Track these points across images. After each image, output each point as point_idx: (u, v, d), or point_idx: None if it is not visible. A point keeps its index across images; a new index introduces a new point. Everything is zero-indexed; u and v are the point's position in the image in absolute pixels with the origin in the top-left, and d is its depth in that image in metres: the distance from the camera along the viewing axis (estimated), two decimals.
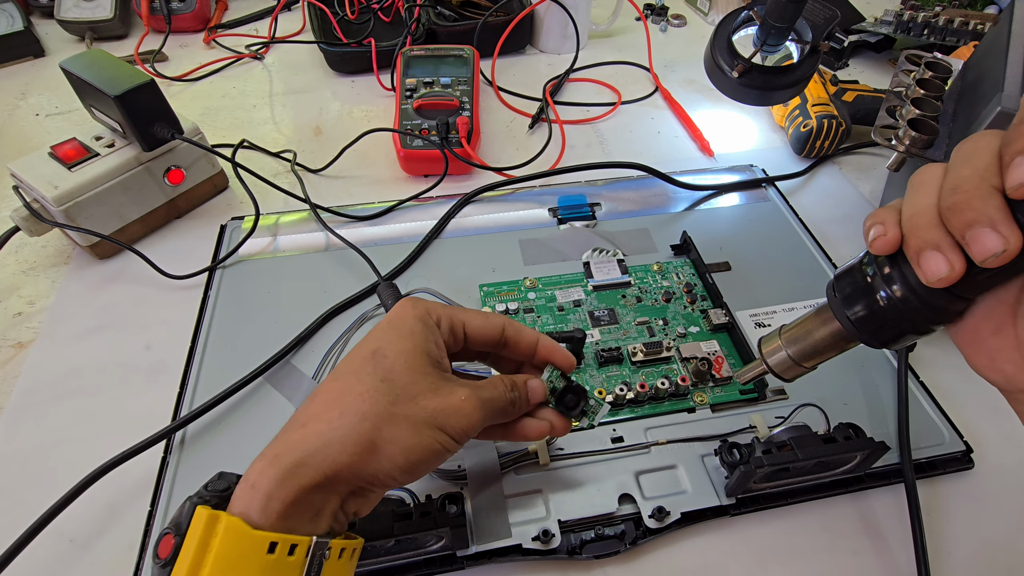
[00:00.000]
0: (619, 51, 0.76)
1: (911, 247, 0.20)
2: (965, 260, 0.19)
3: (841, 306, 0.24)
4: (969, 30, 0.66)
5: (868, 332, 0.23)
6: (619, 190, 0.54)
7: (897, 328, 0.22)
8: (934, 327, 0.22)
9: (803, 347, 0.26)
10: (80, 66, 0.46)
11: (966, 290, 0.20)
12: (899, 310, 0.22)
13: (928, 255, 0.19)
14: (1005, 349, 0.20)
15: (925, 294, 0.21)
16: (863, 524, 0.34)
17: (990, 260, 0.18)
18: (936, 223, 0.19)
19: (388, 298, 0.42)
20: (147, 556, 0.32)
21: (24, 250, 0.50)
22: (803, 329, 0.26)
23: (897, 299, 0.21)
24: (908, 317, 0.22)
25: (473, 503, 0.34)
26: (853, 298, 0.23)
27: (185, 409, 0.39)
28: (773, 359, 0.27)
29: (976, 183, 0.18)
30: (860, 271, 0.23)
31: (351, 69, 0.71)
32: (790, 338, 0.26)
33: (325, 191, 0.56)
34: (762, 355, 0.28)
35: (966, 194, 0.18)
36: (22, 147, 0.61)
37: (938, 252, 0.19)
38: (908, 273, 0.21)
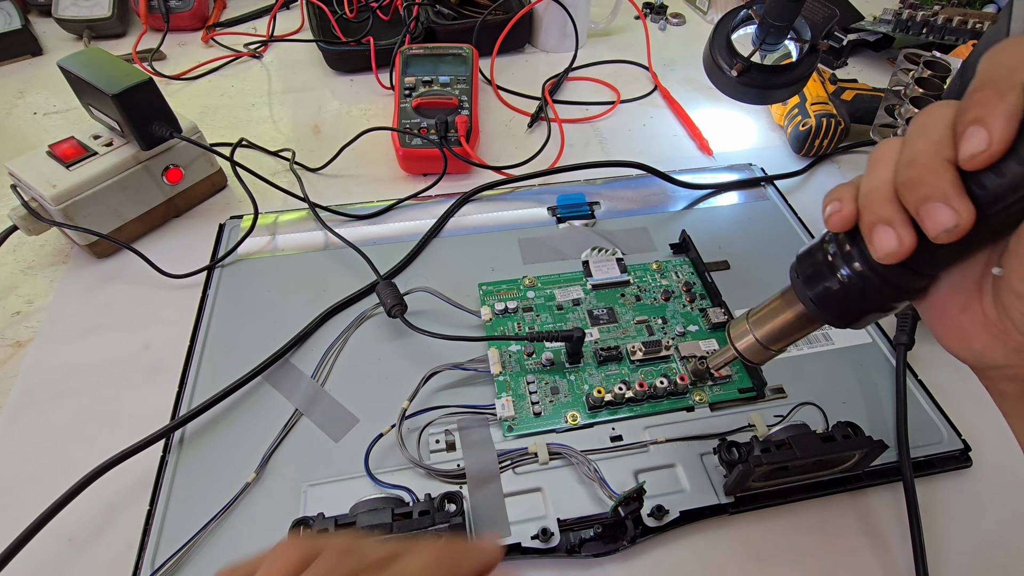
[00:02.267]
0: (618, 50, 0.76)
1: (864, 223, 0.20)
2: (916, 235, 0.19)
3: (803, 287, 0.23)
4: (968, 29, 0.66)
5: (831, 312, 0.23)
6: (618, 189, 0.54)
7: (860, 307, 0.22)
8: (897, 304, 0.22)
9: (770, 330, 0.26)
10: (78, 65, 0.45)
11: (924, 266, 0.20)
12: (860, 289, 0.21)
13: (878, 230, 0.19)
14: (973, 326, 0.20)
15: (884, 271, 0.21)
16: (862, 523, 0.34)
17: (943, 235, 0.18)
18: (891, 198, 0.19)
19: (387, 297, 0.42)
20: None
21: (22, 249, 0.50)
22: (769, 312, 0.26)
23: (857, 277, 0.21)
24: (869, 295, 0.21)
25: (472, 502, 0.34)
26: (814, 278, 0.23)
27: (184, 408, 0.39)
28: (741, 344, 0.27)
29: (930, 156, 0.18)
30: (821, 250, 0.23)
31: (350, 68, 0.71)
32: (757, 321, 0.26)
33: (324, 190, 0.56)
34: (731, 340, 0.27)
35: (920, 168, 0.18)
36: (20, 146, 0.61)
37: (888, 227, 0.19)
38: (867, 251, 0.21)
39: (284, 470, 0.36)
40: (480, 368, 0.40)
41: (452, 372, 0.40)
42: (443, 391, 0.40)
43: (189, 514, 0.34)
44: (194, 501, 0.34)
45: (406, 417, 0.37)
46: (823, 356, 0.41)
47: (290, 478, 0.35)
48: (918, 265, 0.20)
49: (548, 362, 0.40)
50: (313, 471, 0.36)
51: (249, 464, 0.36)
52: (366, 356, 0.42)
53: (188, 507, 0.34)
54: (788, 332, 0.25)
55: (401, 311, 0.42)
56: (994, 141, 0.16)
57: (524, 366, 0.40)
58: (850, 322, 0.23)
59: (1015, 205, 0.17)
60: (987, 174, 0.17)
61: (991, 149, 0.16)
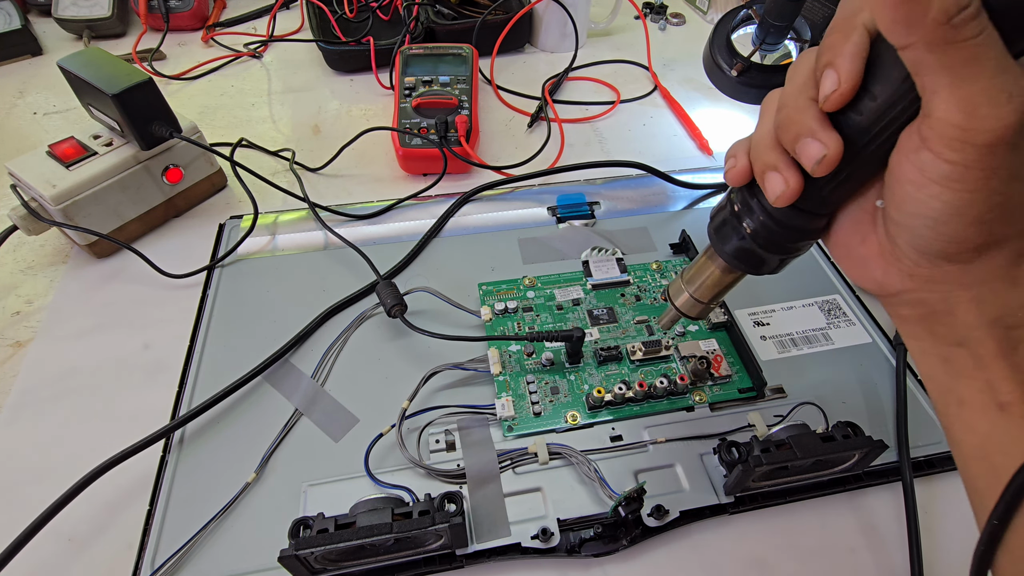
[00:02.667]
0: (618, 50, 0.76)
1: (756, 173, 0.22)
2: (801, 176, 0.21)
3: (719, 244, 0.25)
4: None
5: (745, 263, 0.25)
6: (618, 189, 0.54)
7: (770, 254, 0.24)
8: (802, 245, 0.23)
9: (699, 286, 0.28)
10: (78, 64, 0.45)
11: (817, 206, 0.22)
12: (764, 236, 0.23)
13: (767, 176, 0.21)
14: (871, 257, 0.22)
15: (782, 216, 0.22)
16: (862, 522, 0.34)
17: (817, 168, 0.19)
18: (773, 145, 0.21)
19: (387, 297, 0.42)
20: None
21: (22, 249, 0.50)
22: (697, 270, 0.28)
23: (760, 227, 0.23)
24: (775, 241, 0.23)
25: (472, 502, 0.34)
26: (725, 233, 0.24)
27: (184, 408, 0.39)
28: (679, 301, 0.29)
29: (795, 98, 0.20)
30: (727, 207, 0.24)
31: (350, 68, 0.71)
32: (689, 280, 0.28)
33: (324, 190, 0.56)
34: (670, 299, 0.29)
35: (788, 110, 0.20)
36: (20, 146, 0.61)
37: (775, 172, 0.21)
38: (764, 199, 0.22)
39: (284, 470, 0.36)
40: (480, 368, 0.40)
41: (452, 372, 0.40)
42: (443, 391, 0.40)
43: (189, 514, 0.34)
44: (194, 501, 0.34)
45: (406, 417, 0.37)
46: (823, 356, 0.41)
47: (290, 478, 0.35)
48: (811, 206, 0.21)
49: (548, 362, 0.40)
50: (313, 471, 0.36)
51: (249, 464, 0.36)
52: (366, 356, 0.42)
53: (188, 507, 0.34)
54: (715, 286, 0.27)
55: (401, 311, 0.42)
56: (843, 80, 0.18)
57: (524, 366, 0.40)
58: (765, 270, 0.25)
59: (878, 138, 0.19)
60: (848, 112, 0.19)
61: (842, 88, 0.18)
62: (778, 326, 0.43)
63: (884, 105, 0.18)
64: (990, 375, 0.21)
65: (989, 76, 0.17)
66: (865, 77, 0.18)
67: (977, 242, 0.19)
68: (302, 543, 0.28)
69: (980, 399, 0.21)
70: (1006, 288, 0.20)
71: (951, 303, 0.21)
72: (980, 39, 0.16)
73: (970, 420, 0.22)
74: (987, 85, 0.17)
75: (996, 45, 0.17)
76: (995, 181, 0.18)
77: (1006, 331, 0.20)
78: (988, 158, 0.17)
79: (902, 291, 0.22)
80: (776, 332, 0.43)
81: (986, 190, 0.18)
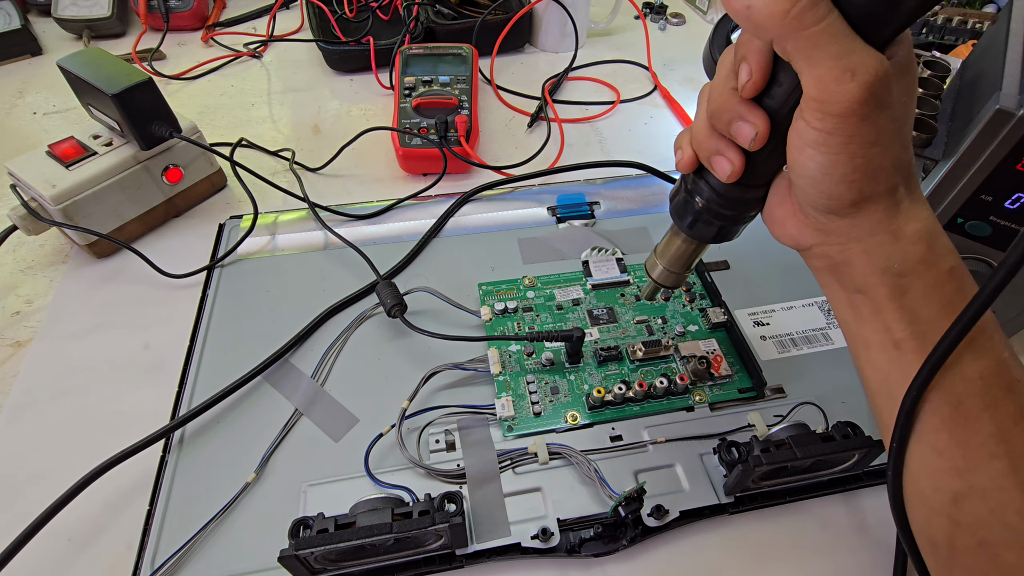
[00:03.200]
0: (618, 49, 0.76)
1: (703, 159, 0.26)
2: (743, 155, 0.24)
3: (678, 221, 0.29)
4: (967, 29, 0.66)
5: (703, 236, 0.29)
6: (618, 189, 0.54)
7: (722, 225, 0.28)
8: (749, 215, 0.27)
9: (670, 258, 0.31)
10: (78, 64, 0.45)
11: (754, 179, 0.25)
12: (715, 211, 0.27)
13: (714, 160, 0.25)
14: (788, 216, 0.25)
15: (727, 191, 0.26)
16: (862, 522, 0.34)
17: (753, 144, 0.23)
18: (712, 132, 0.25)
19: (387, 297, 0.42)
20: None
21: (22, 249, 0.50)
22: (666, 245, 0.31)
23: (709, 202, 0.27)
24: (724, 214, 0.27)
25: (472, 502, 0.34)
26: (682, 212, 0.28)
27: (184, 408, 0.39)
28: (655, 273, 0.32)
29: (721, 90, 0.24)
30: (682, 188, 0.28)
31: (349, 67, 0.71)
32: (661, 254, 0.32)
33: (324, 190, 0.56)
34: (648, 272, 0.33)
35: (717, 100, 0.24)
36: (20, 146, 0.61)
37: (720, 156, 0.25)
38: (710, 179, 0.26)
39: (284, 470, 0.36)
40: (480, 368, 0.40)
41: (452, 372, 0.40)
42: (443, 391, 0.40)
43: (189, 514, 0.34)
44: (194, 501, 0.34)
45: (406, 417, 0.37)
46: (823, 356, 0.41)
47: (290, 478, 0.35)
48: (749, 179, 0.25)
49: (548, 362, 0.40)
50: (313, 471, 0.36)
51: (249, 464, 0.36)
52: (366, 356, 0.42)
53: (188, 507, 0.34)
54: (683, 256, 0.31)
55: (401, 311, 0.42)
56: (753, 72, 0.22)
57: (524, 366, 0.40)
58: (721, 239, 0.29)
59: (788, 117, 0.22)
60: (764, 97, 0.23)
61: (753, 78, 0.22)
62: (778, 326, 0.43)
63: (787, 89, 0.22)
64: (886, 317, 0.24)
65: (834, 57, 0.20)
66: (774, 67, 0.22)
67: (850, 198, 0.23)
68: (302, 543, 0.28)
69: (879, 339, 0.25)
70: (889, 241, 0.23)
71: (848, 255, 0.24)
72: (823, 26, 0.19)
73: (873, 359, 0.25)
74: (832, 65, 0.20)
75: (840, 30, 0.20)
76: (854, 145, 0.21)
77: (895, 279, 0.24)
78: (843, 126, 0.21)
79: (812, 245, 0.25)
80: (776, 332, 0.43)
81: (847, 153, 0.21)
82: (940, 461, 0.24)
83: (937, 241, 0.24)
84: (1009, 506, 0.22)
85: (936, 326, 0.23)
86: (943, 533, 0.24)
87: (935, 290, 0.23)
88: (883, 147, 0.22)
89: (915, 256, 0.23)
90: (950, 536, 0.24)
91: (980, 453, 0.23)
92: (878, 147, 0.21)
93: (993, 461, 0.22)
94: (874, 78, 0.20)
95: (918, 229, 0.23)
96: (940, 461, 0.24)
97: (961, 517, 0.23)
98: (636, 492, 0.32)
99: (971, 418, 0.23)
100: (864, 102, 0.20)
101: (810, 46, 0.20)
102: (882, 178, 0.22)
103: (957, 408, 0.23)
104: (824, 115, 0.21)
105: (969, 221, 0.37)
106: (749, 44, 0.22)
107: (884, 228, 0.23)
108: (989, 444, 0.22)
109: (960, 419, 0.23)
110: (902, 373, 0.24)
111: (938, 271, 0.23)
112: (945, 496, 0.24)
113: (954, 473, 0.23)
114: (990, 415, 0.22)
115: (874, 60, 0.20)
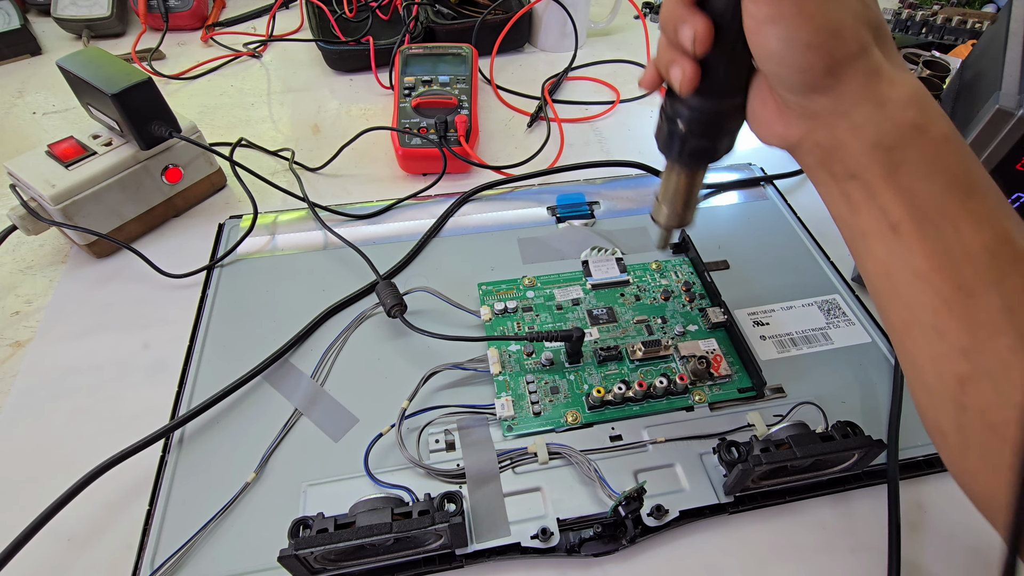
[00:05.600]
0: (618, 49, 0.76)
1: (662, 75, 0.26)
2: (694, 61, 0.24)
3: (669, 152, 0.29)
4: (967, 29, 0.66)
5: (694, 159, 0.29)
6: (618, 188, 0.54)
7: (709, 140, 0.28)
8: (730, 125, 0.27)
9: (673, 197, 0.31)
10: (77, 64, 0.45)
11: (723, 85, 0.26)
12: (698, 127, 0.27)
13: (670, 71, 0.25)
14: (772, 115, 0.25)
15: (700, 104, 0.26)
16: (861, 522, 0.34)
17: (696, 46, 0.23)
18: (666, 46, 0.25)
19: (387, 297, 0.42)
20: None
21: (21, 249, 0.50)
22: (664, 185, 0.31)
23: (690, 120, 0.27)
24: (707, 128, 0.27)
25: (472, 501, 0.34)
26: (668, 141, 0.28)
27: (184, 408, 0.39)
28: (661, 218, 0.33)
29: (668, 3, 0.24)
30: (662, 118, 0.28)
31: (349, 67, 0.71)
32: (663, 196, 0.32)
33: (323, 190, 0.56)
34: (655, 219, 0.33)
35: (667, 9, 0.24)
36: (19, 145, 0.61)
37: (673, 65, 0.25)
38: (679, 98, 0.26)
39: (284, 470, 0.36)
40: (480, 368, 0.40)
41: (452, 372, 0.40)
42: (443, 391, 0.40)
43: (189, 514, 0.34)
44: (194, 501, 0.34)
45: (406, 417, 0.37)
46: (823, 356, 0.41)
47: (290, 478, 0.35)
48: (719, 87, 0.25)
49: (548, 362, 0.40)
50: (313, 471, 0.36)
51: (249, 464, 0.36)
52: (366, 356, 0.42)
53: (188, 507, 0.34)
54: (685, 190, 0.31)
55: (401, 311, 0.42)
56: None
57: (524, 366, 0.40)
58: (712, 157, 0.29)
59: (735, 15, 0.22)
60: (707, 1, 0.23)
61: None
62: (778, 326, 0.43)
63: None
64: (881, 201, 0.23)
65: None
66: None
67: (822, 64, 0.22)
68: (302, 543, 0.28)
69: (876, 226, 0.24)
70: (874, 109, 0.23)
71: (837, 136, 0.24)
72: None
73: (872, 248, 0.24)
74: None
75: None
76: (807, 5, 0.21)
77: (886, 153, 0.23)
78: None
79: (801, 138, 0.25)
80: (776, 332, 0.43)
81: (803, 15, 0.21)
82: (943, 344, 0.23)
83: (926, 105, 0.23)
84: (1018, 384, 0.21)
85: (935, 202, 0.22)
86: (950, 420, 0.23)
87: (931, 161, 0.22)
88: (838, 1, 0.21)
89: (905, 122, 0.22)
90: (959, 422, 0.23)
91: (986, 331, 0.22)
92: (832, 2, 0.21)
93: (1000, 337, 0.21)
94: None
95: (904, 93, 0.22)
96: (943, 344, 0.23)
97: (968, 401, 0.22)
98: (636, 492, 0.32)
99: (976, 294, 0.22)
100: None
101: None
102: (848, 35, 0.22)
103: (961, 286, 0.22)
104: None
105: None
106: None
107: (868, 96, 0.23)
108: (996, 320, 0.21)
109: (964, 296, 0.22)
110: (903, 256, 0.23)
111: (931, 138, 0.22)
112: (950, 380, 0.23)
113: (959, 355, 0.22)
114: (996, 289, 0.21)
115: None
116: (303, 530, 0.29)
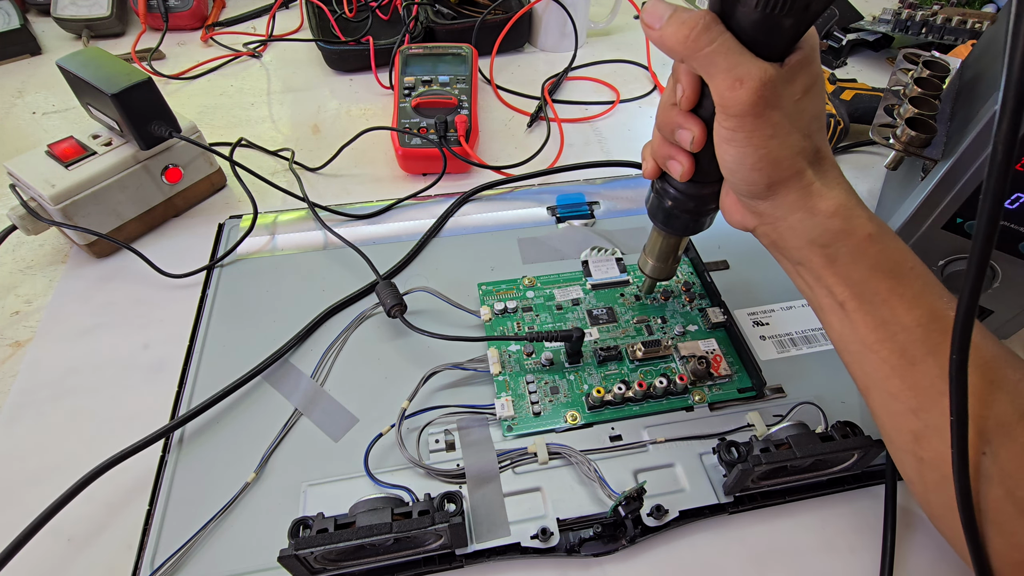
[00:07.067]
0: (617, 49, 0.76)
1: (660, 164, 0.31)
2: (690, 157, 0.29)
3: (655, 220, 0.35)
4: (967, 29, 0.66)
5: (677, 229, 0.34)
6: (618, 188, 0.54)
7: (690, 218, 0.33)
8: (709, 207, 0.32)
9: (657, 254, 0.37)
10: (77, 64, 0.45)
11: (705, 176, 0.30)
12: (681, 207, 0.32)
13: (669, 164, 0.30)
14: (733, 204, 0.30)
15: (686, 189, 0.31)
16: (861, 522, 0.34)
17: (693, 146, 0.28)
18: (664, 141, 0.30)
19: (387, 297, 0.42)
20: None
21: (21, 249, 0.50)
22: (652, 243, 0.37)
23: (675, 201, 0.32)
24: (689, 208, 0.32)
25: (472, 501, 0.34)
26: (655, 212, 0.34)
27: (183, 408, 0.39)
28: (647, 269, 0.39)
29: (666, 104, 0.29)
30: (652, 193, 0.34)
31: (349, 67, 0.71)
32: (649, 251, 0.38)
33: (323, 189, 0.56)
34: (641, 269, 0.39)
35: (663, 113, 0.29)
36: (19, 145, 0.61)
37: (673, 160, 0.30)
38: (672, 182, 0.32)
39: (284, 470, 0.36)
40: (480, 368, 0.40)
41: (452, 372, 0.40)
42: (443, 391, 0.40)
43: (189, 514, 0.34)
44: (194, 501, 0.34)
45: (406, 417, 0.37)
46: (823, 356, 0.41)
47: (290, 478, 0.35)
48: (701, 177, 0.30)
49: (548, 362, 0.40)
50: (313, 471, 0.36)
51: (249, 464, 0.36)
52: (366, 356, 0.42)
53: (188, 507, 0.34)
54: (667, 250, 0.37)
55: (401, 311, 0.42)
56: (685, 89, 0.27)
57: (524, 366, 0.40)
58: (693, 230, 0.34)
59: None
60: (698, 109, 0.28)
61: (686, 94, 0.27)
62: (777, 326, 0.43)
63: (712, 100, 0.26)
64: (826, 282, 0.28)
65: (725, 70, 0.24)
66: (702, 84, 0.26)
67: (763, 183, 0.27)
68: (302, 543, 0.28)
69: (828, 302, 0.29)
70: (807, 216, 0.27)
71: (779, 231, 0.29)
72: (715, 46, 0.24)
73: (829, 320, 0.29)
74: (724, 76, 0.24)
75: (731, 48, 0.24)
76: (755, 139, 0.25)
77: (822, 249, 0.27)
78: (743, 124, 0.25)
79: (755, 227, 0.30)
80: (775, 332, 0.43)
81: (751, 145, 0.26)
82: (897, 404, 0.27)
83: (852, 213, 0.27)
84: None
85: (868, 286, 0.27)
86: (913, 471, 0.27)
87: (859, 256, 0.27)
88: (780, 139, 0.25)
89: (833, 228, 0.27)
90: (919, 473, 0.27)
91: (929, 394, 0.25)
92: (776, 139, 0.25)
93: (942, 399, 0.24)
94: (759, 84, 0.24)
95: (831, 206, 0.27)
96: (897, 404, 0.27)
97: (924, 454, 0.26)
98: (636, 492, 0.32)
99: (916, 362, 0.26)
100: (754, 103, 0.24)
101: (707, 63, 0.24)
102: (785, 164, 0.26)
103: (903, 355, 0.26)
104: (726, 116, 0.25)
105: (968, 221, 0.37)
106: (681, 66, 0.27)
107: (800, 207, 0.27)
108: (936, 384, 0.25)
109: (907, 364, 0.26)
110: (852, 332, 0.28)
111: (857, 239, 0.27)
112: (907, 436, 0.27)
113: (910, 414, 0.26)
114: (933, 358, 0.25)
115: (758, 69, 0.24)
116: (303, 530, 0.29)
